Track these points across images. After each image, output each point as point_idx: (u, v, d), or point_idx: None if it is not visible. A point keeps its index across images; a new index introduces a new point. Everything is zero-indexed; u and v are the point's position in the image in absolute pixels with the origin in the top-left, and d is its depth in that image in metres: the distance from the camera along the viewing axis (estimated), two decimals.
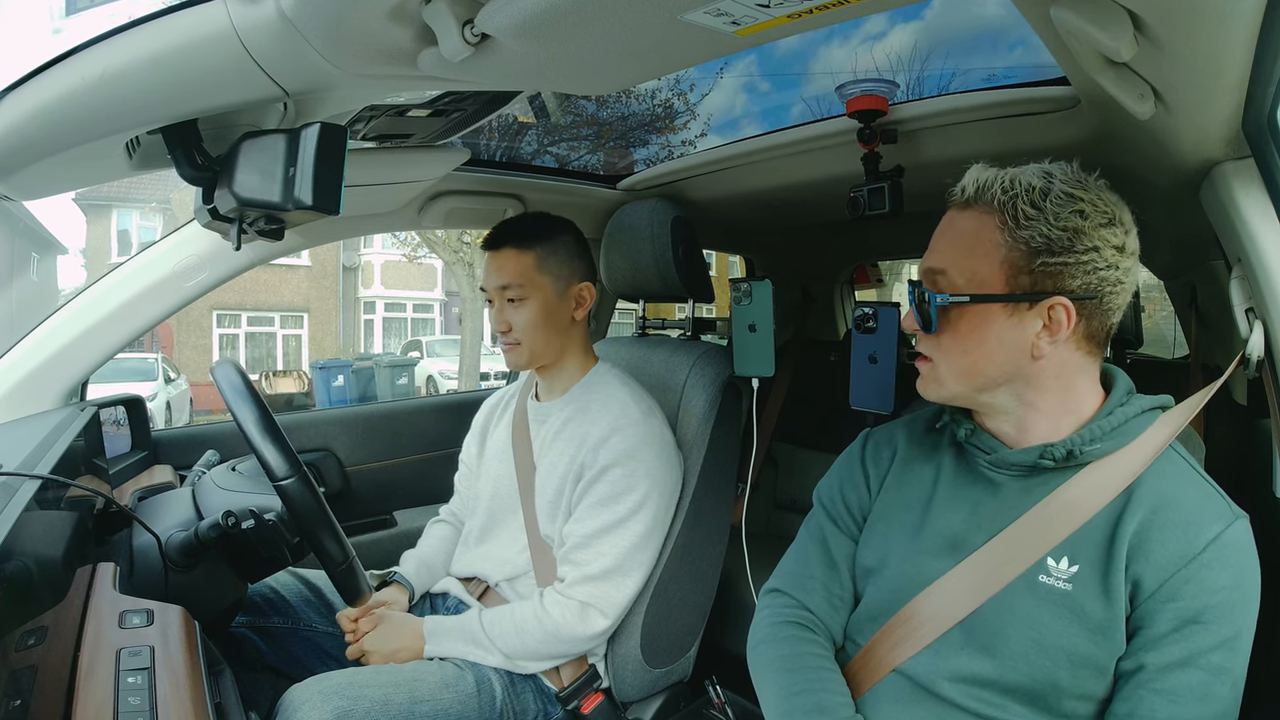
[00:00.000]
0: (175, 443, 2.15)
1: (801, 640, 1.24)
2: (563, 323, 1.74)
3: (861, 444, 1.35)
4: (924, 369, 1.16)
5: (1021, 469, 1.12)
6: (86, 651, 1.01)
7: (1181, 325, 2.37)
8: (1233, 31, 0.87)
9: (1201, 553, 0.98)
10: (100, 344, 1.85)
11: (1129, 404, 1.10)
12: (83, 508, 1.30)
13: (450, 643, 1.62)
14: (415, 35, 0.98)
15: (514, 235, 1.71)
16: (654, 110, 10.14)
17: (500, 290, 1.70)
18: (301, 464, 1.35)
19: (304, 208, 1.10)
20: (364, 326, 22.90)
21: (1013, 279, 1.06)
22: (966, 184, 1.10)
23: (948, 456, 1.23)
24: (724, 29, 0.95)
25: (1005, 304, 1.06)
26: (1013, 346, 1.07)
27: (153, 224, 20.53)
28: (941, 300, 1.09)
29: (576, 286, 1.75)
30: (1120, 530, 1.03)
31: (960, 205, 1.12)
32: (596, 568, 1.60)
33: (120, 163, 1.31)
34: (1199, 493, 1.05)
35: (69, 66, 1.03)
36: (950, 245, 1.11)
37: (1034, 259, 1.04)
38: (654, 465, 1.65)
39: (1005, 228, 1.05)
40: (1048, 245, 1.03)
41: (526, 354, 1.72)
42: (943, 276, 1.11)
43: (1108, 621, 1.01)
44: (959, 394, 1.13)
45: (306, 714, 1.35)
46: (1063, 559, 1.05)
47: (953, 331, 1.10)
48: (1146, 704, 0.98)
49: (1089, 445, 1.07)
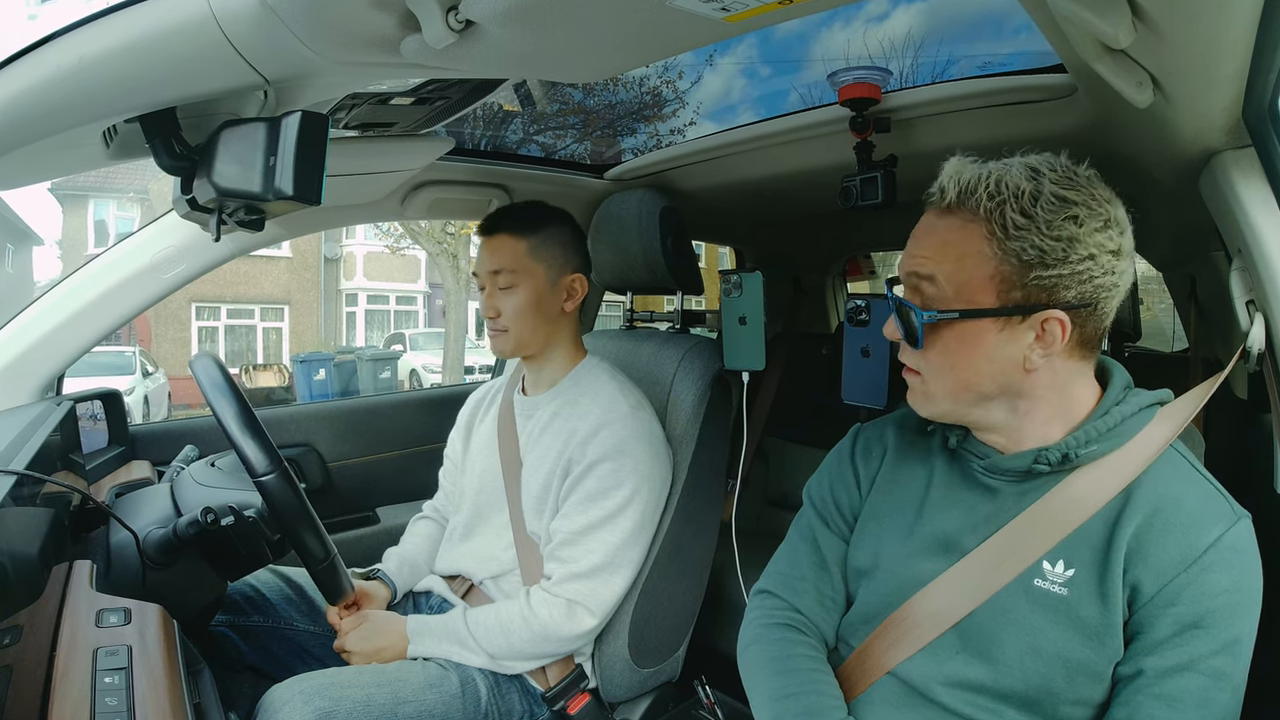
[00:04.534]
0: (153, 438, 2.12)
1: (792, 642, 1.23)
2: (552, 312, 1.73)
3: (852, 441, 1.33)
4: (913, 382, 1.12)
5: (1016, 474, 1.09)
6: (63, 651, 0.99)
7: (1180, 318, 2.37)
8: (1233, 17, 0.86)
9: (1202, 556, 0.96)
10: (76, 337, 1.82)
11: (1126, 402, 1.07)
12: (59, 504, 1.29)
13: (434, 642, 1.60)
14: (398, 21, 0.97)
15: (510, 221, 1.71)
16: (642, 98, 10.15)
17: (492, 275, 1.69)
18: (282, 459, 1.34)
19: (285, 198, 1.08)
20: (346, 319, 22.80)
21: (1004, 293, 1.00)
22: (946, 185, 1.04)
23: (940, 460, 1.20)
24: (713, 14, 0.93)
25: (997, 318, 1.01)
26: (1004, 361, 1.03)
27: (130, 214, 20.41)
28: (929, 318, 1.03)
29: (569, 277, 1.74)
30: (1118, 533, 1.00)
31: (941, 209, 1.05)
32: (584, 565, 1.59)
33: (97, 152, 1.28)
34: (1200, 493, 1.02)
35: (45, 54, 1.01)
36: (937, 252, 1.04)
37: (1027, 273, 0.99)
38: (643, 460, 1.63)
39: (994, 239, 0.99)
40: (1041, 258, 0.98)
41: (513, 341, 1.71)
42: (929, 284, 1.05)
43: (1104, 627, 0.99)
44: (950, 411, 1.10)
45: (287, 715, 1.33)
46: (1059, 563, 1.03)
47: (941, 347, 1.05)
48: (1145, 709, 0.96)
49: (1085, 448, 1.04)
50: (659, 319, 2.25)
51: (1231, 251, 1.25)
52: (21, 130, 1.12)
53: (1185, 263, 2.14)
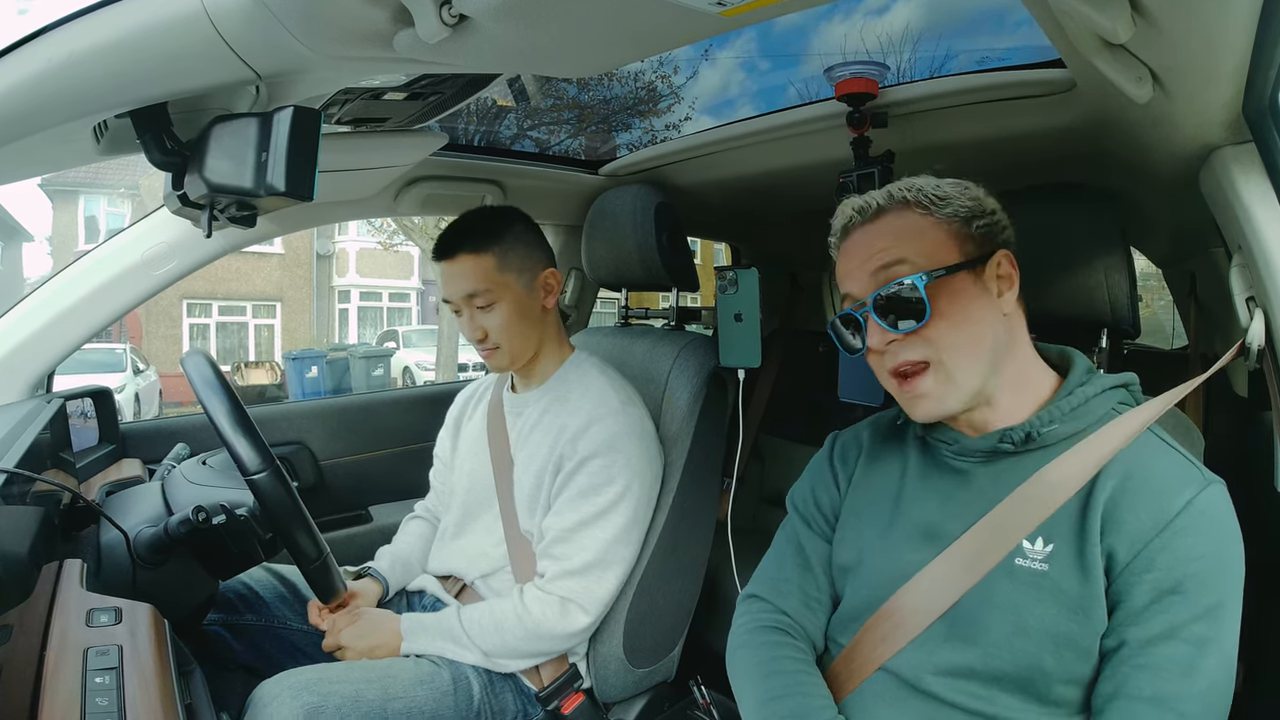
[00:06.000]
0: (144, 436, 2.11)
1: (778, 645, 1.23)
2: (536, 315, 1.71)
3: (829, 446, 1.36)
4: (925, 381, 1.10)
5: (983, 454, 1.12)
6: (53, 651, 0.99)
7: (1180, 315, 2.37)
8: (1233, 11, 0.86)
9: (1174, 519, 0.97)
10: (67, 334, 1.82)
11: (1089, 383, 1.11)
12: (49, 503, 1.28)
13: (428, 640, 1.60)
14: (391, 16, 0.96)
15: (467, 239, 1.65)
16: (637, 93, 10.13)
17: (467, 299, 1.65)
18: (274, 457, 1.34)
19: (276, 194, 1.08)
20: (338, 316, 22.76)
21: (962, 248, 1.09)
22: (864, 202, 1.15)
23: (913, 450, 1.23)
24: (708, 9, 0.92)
25: (969, 271, 1.08)
26: (989, 311, 1.09)
27: (121, 210, 20.32)
28: (932, 275, 1.06)
29: (542, 275, 1.71)
30: (1092, 503, 1.02)
31: (869, 218, 1.15)
32: (577, 562, 1.58)
33: (88, 147, 1.28)
34: (1169, 461, 1.04)
35: (35, 48, 1.00)
36: (893, 241, 1.11)
37: (969, 225, 1.10)
38: (634, 456, 1.63)
39: (929, 213, 1.11)
40: (970, 212, 1.10)
41: (508, 356, 1.69)
42: (902, 265, 1.09)
43: (1086, 598, 1.00)
44: (974, 389, 1.09)
45: (276, 710, 1.33)
46: (1037, 540, 1.05)
47: (941, 315, 1.07)
48: (1131, 681, 0.97)
49: (1047, 427, 1.08)
50: (654, 316, 2.24)
51: (1231, 248, 1.25)
52: (11, 126, 1.11)
53: (1185, 259, 2.14)
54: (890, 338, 1.09)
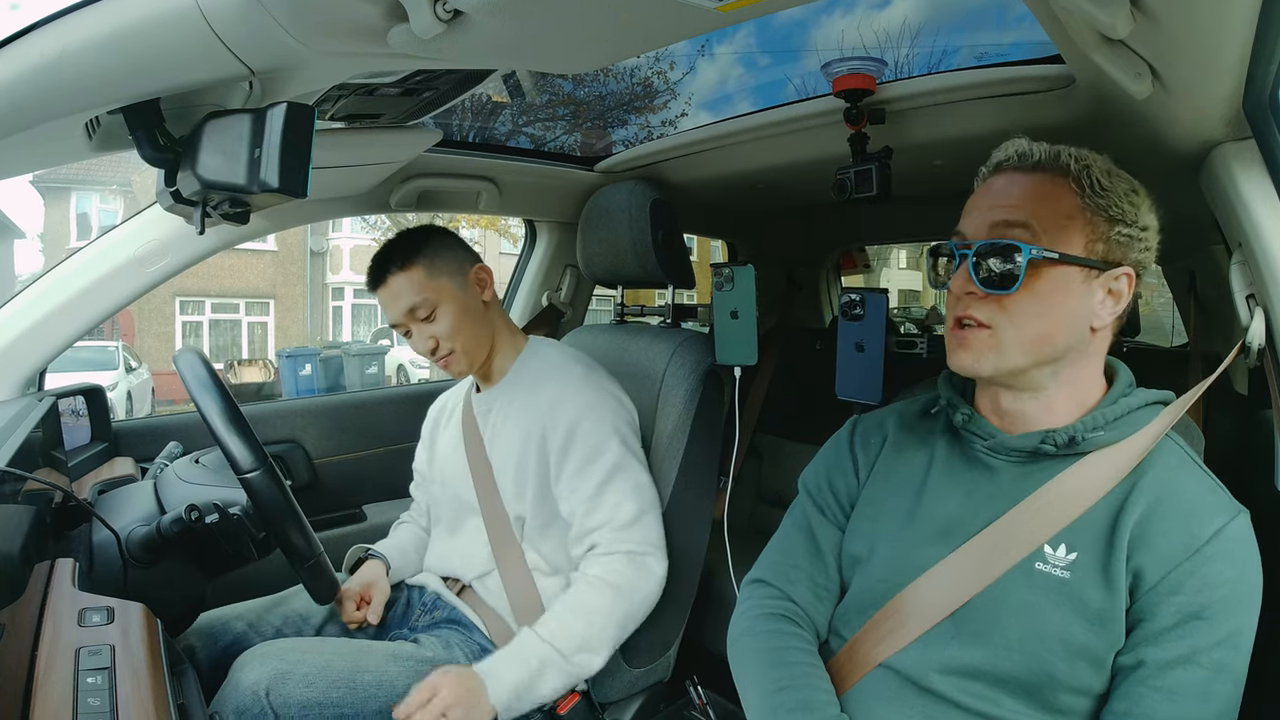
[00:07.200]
0: (137, 434, 2.10)
1: (785, 634, 1.22)
2: (479, 312, 1.75)
3: (850, 430, 1.33)
4: (978, 337, 1.08)
5: (1021, 454, 1.10)
6: (45, 650, 0.98)
7: (1180, 312, 2.37)
8: (1233, 6, 0.86)
9: (1205, 545, 0.97)
10: (58, 332, 1.81)
11: (1132, 395, 1.09)
12: (40, 501, 1.27)
13: (510, 673, 1.48)
14: (385, 11, 0.96)
15: (391, 261, 1.70)
16: (633, 89, 10.13)
17: (410, 314, 1.69)
18: (267, 456, 1.33)
19: (270, 190, 1.07)
20: (332, 313, 22.67)
21: (1090, 245, 1.05)
22: (1028, 149, 1.09)
23: (941, 442, 1.20)
24: (705, 4, 0.92)
25: (1083, 268, 1.04)
26: (1081, 316, 1.06)
27: (113, 207, 20.21)
28: (1038, 253, 1.03)
29: (472, 272, 1.76)
30: (1122, 520, 1.01)
31: (1025, 168, 1.09)
32: (621, 516, 1.60)
33: (80, 144, 1.27)
34: (1201, 485, 1.03)
35: (27, 44, 1.00)
36: (1028, 201, 1.06)
37: (1111, 227, 1.05)
38: (611, 413, 1.68)
39: (1083, 194, 1.05)
40: (1122, 215, 1.05)
41: (465, 358, 1.73)
42: (1022, 230, 1.05)
43: (1107, 611, 0.99)
44: (1019, 366, 1.07)
45: (245, 675, 1.35)
46: (1060, 546, 1.04)
47: (1030, 293, 1.04)
48: (1146, 701, 0.96)
49: (1092, 433, 1.06)
50: (650, 313, 2.24)
51: (1231, 245, 1.24)
52: (3, 121, 1.11)
53: (1184, 256, 2.14)
54: (971, 288, 1.07)
